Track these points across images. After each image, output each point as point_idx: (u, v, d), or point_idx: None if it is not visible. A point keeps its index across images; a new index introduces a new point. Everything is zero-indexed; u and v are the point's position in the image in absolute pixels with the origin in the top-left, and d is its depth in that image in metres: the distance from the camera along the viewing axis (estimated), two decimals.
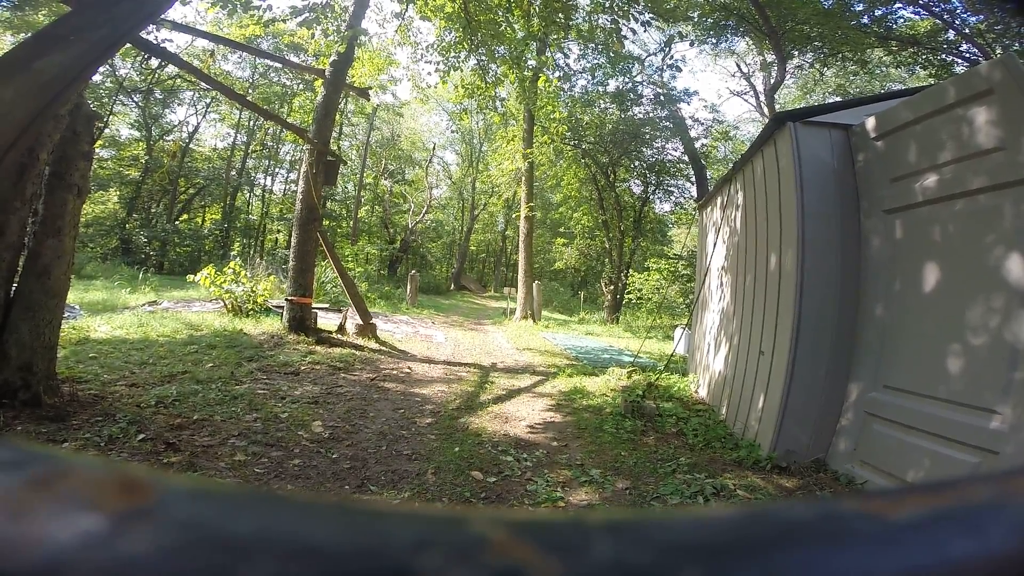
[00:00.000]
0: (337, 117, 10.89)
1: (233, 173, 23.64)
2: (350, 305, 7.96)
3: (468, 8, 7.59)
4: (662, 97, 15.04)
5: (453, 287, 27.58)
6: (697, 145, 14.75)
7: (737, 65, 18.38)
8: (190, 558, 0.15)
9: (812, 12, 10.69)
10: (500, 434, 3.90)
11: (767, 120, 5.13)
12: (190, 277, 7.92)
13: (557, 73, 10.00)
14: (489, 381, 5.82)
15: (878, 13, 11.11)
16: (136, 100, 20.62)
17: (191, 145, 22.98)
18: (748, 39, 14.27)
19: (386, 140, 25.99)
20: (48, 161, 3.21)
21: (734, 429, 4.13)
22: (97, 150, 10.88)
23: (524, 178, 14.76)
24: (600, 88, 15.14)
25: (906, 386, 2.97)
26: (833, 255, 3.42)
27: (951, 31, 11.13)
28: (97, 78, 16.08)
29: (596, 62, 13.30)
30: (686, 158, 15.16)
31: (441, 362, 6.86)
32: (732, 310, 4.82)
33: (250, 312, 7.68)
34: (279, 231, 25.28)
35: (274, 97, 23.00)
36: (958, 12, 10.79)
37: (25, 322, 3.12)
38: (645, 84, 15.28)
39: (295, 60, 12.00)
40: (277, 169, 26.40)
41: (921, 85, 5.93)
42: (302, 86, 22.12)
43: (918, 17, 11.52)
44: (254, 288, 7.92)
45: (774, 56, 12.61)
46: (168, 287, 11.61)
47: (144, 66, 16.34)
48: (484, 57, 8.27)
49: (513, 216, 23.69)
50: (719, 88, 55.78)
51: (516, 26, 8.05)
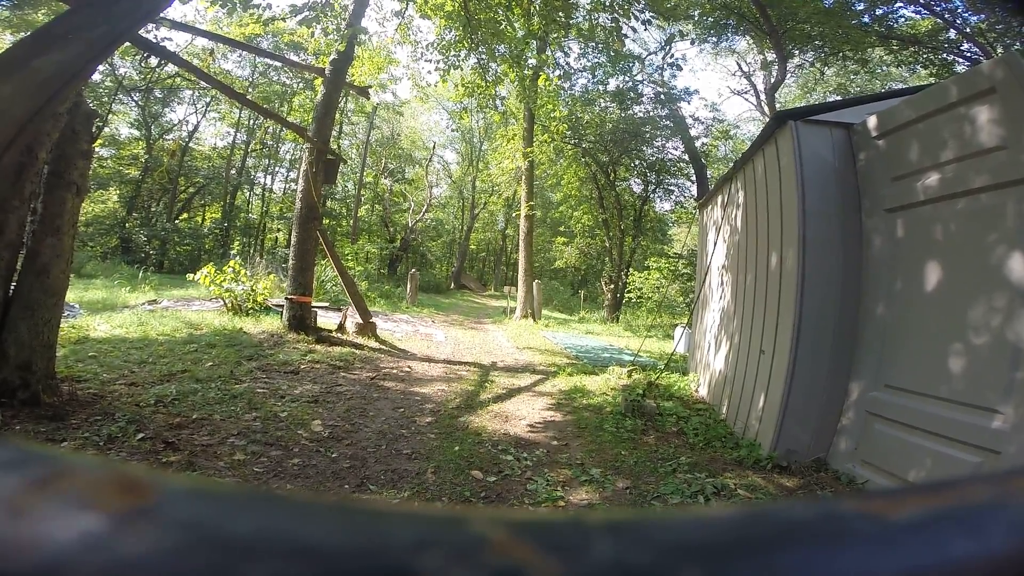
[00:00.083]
0: (337, 116, 10.88)
1: (233, 172, 23.64)
2: (350, 304, 7.96)
3: (468, 6, 7.58)
4: (662, 96, 15.02)
5: (453, 286, 27.58)
6: (697, 144, 14.74)
7: (737, 64, 18.38)
8: (190, 558, 0.15)
9: (813, 11, 10.68)
10: (500, 433, 3.90)
11: (767, 119, 5.13)
12: (190, 276, 7.92)
13: (557, 72, 9.99)
14: (489, 380, 5.82)
15: (879, 12, 11.10)
16: (136, 99, 20.60)
17: (191, 144, 22.97)
18: (749, 38, 14.26)
19: (386, 139, 25.97)
20: (47, 160, 3.21)
21: (735, 428, 4.14)
22: (97, 149, 10.86)
23: (524, 177, 14.74)
24: (600, 87, 15.13)
25: (907, 385, 2.97)
26: (834, 254, 3.42)
27: (952, 30, 11.12)
28: (96, 77, 16.08)
29: (596, 61, 13.28)
30: (686, 157, 15.16)
31: (441, 361, 6.86)
32: (733, 309, 4.82)
33: (250, 311, 7.69)
34: (279, 230, 25.26)
35: (274, 96, 22.97)
36: (959, 11, 10.79)
37: (24, 321, 3.12)
38: (645, 83, 15.28)
39: (295, 59, 11.99)
40: (277, 168, 26.43)
41: (922, 84, 5.92)
42: (302, 85, 22.11)
43: (919, 16, 11.52)
44: (254, 287, 7.92)
45: (775, 55, 12.59)
46: (168, 286, 11.60)
47: (143, 65, 16.32)
48: (484, 56, 8.26)
49: (513, 215, 23.72)
50: (719, 87, 55.86)
51: (516, 25, 8.05)
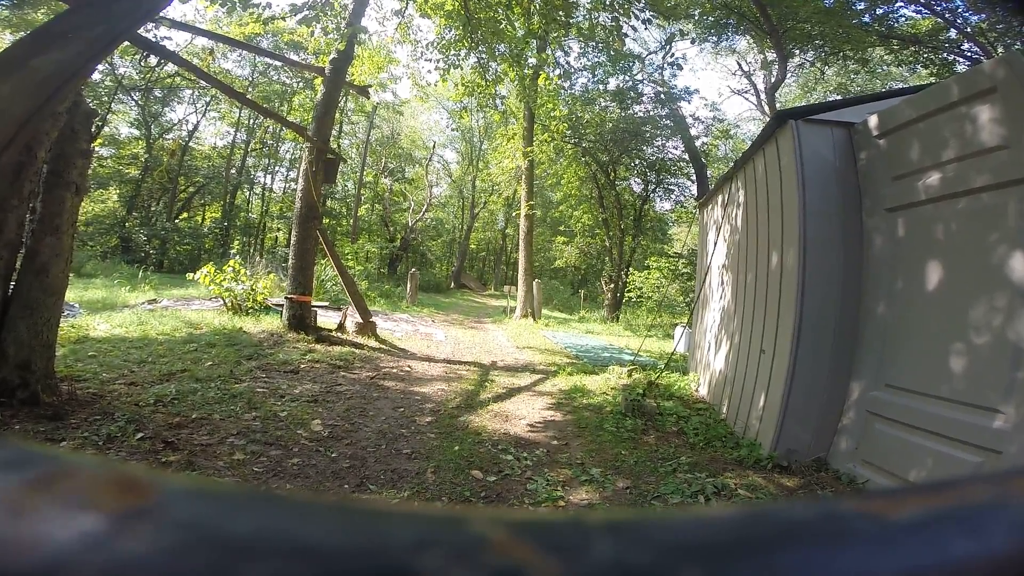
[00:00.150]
0: (337, 115, 10.87)
1: (233, 171, 23.64)
2: (350, 303, 7.96)
3: (468, 6, 7.57)
4: (663, 95, 15.02)
5: (453, 285, 27.59)
6: (697, 143, 14.73)
7: (738, 63, 18.36)
8: (190, 558, 0.15)
9: (813, 10, 10.67)
10: (500, 433, 3.90)
11: (768, 118, 5.12)
12: (190, 275, 7.91)
13: (557, 71, 9.97)
14: (489, 379, 5.82)
15: (879, 12, 11.09)
16: (135, 98, 20.59)
17: (191, 143, 22.97)
18: (749, 37, 14.25)
19: (386, 138, 25.97)
20: (46, 159, 3.21)
21: (735, 428, 4.14)
22: (96, 148, 10.85)
23: (524, 176, 14.74)
24: (601, 86, 15.13)
25: (908, 385, 2.96)
26: (835, 253, 3.42)
27: (953, 30, 11.11)
28: (96, 76, 16.07)
29: (596, 60, 13.28)
30: (686, 156, 15.15)
31: (441, 360, 6.86)
32: (733, 308, 4.82)
33: (250, 310, 7.68)
34: (279, 229, 25.27)
35: (274, 95, 22.97)
36: (960, 11, 10.78)
37: (23, 320, 3.12)
38: (646, 82, 15.27)
39: (295, 58, 11.98)
40: (277, 167, 26.43)
41: (923, 84, 5.92)
42: (302, 84, 22.11)
43: (919, 16, 11.51)
44: (254, 286, 7.92)
45: (775, 54, 12.58)
46: (168, 285, 11.60)
47: (143, 64, 16.33)
48: (484, 55, 8.25)
49: (513, 214, 23.69)
50: (720, 86, 55.81)
51: (516, 24, 8.04)
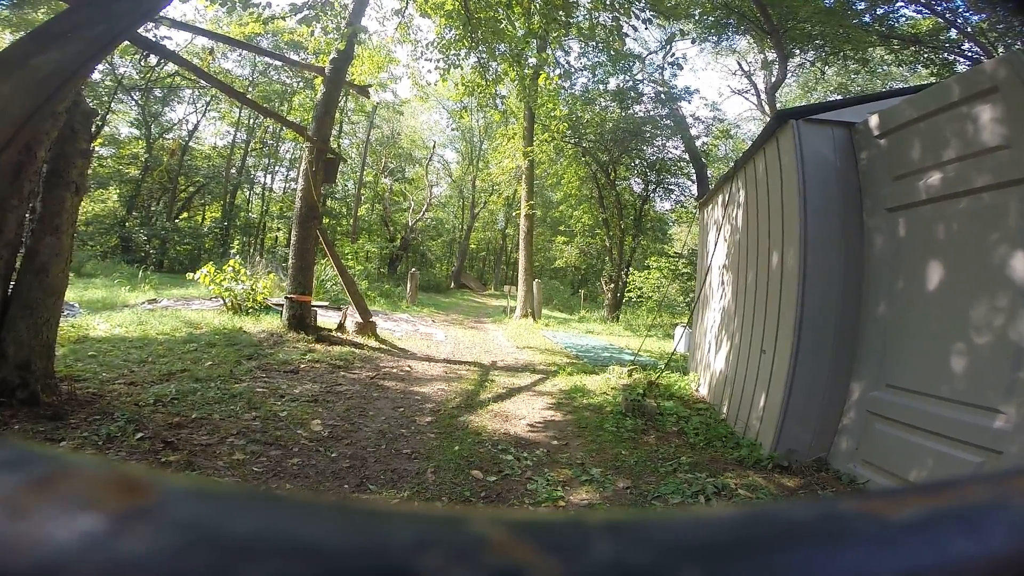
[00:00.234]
0: (337, 115, 10.87)
1: (233, 171, 23.63)
2: (350, 303, 7.96)
3: (468, 5, 7.57)
4: (663, 95, 15.02)
5: (453, 285, 27.58)
6: (698, 143, 14.73)
7: (738, 63, 18.35)
8: (190, 558, 0.15)
9: (813, 10, 10.67)
10: (500, 433, 3.90)
11: (768, 118, 5.12)
12: (190, 275, 7.91)
13: (557, 71, 9.98)
14: (489, 379, 5.82)
15: (880, 12, 11.09)
16: (135, 98, 20.59)
17: (191, 143, 22.96)
18: (749, 37, 14.24)
19: (386, 138, 25.96)
20: (46, 159, 3.21)
21: (735, 428, 4.14)
22: (96, 148, 10.85)
23: (524, 176, 14.74)
24: (601, 86, 15.12)
25: (909, 385, 2.96)
26: (836, 253, 3.42)
27: (953, 30, 11.11)
28: (96, 76, 16.07)
29: (597, 60, 13.27)
30: (687, 156, 15.15)
31: (441, 360, 6.86)
32: (733, 308, 4.82)
33: (250, 310, 7.69)
34: (279, 229, 25.26)
35: (274, 95, 22.96)
36: (960, 11, 10.78)
37: (23, 320, 3.12)
38: (646, 82, 15.27)
39: (295, 58, 11.97)
40: (277, 167, 26.41)
41: (923, 83, 5.91)
42: (302, 84, 22.10)
43: (920, 16, 11.50)
44: (254, 286, 7.92)
45: (775, 54, 12.58)
46: (168, 285, 11.60)
47: (143, 64, 16.33)
48: (484, 55, 8.25)
49: (513, 214, 23.70)
50: (720, 86, 55.82)
51: (516, 23, 8.04)
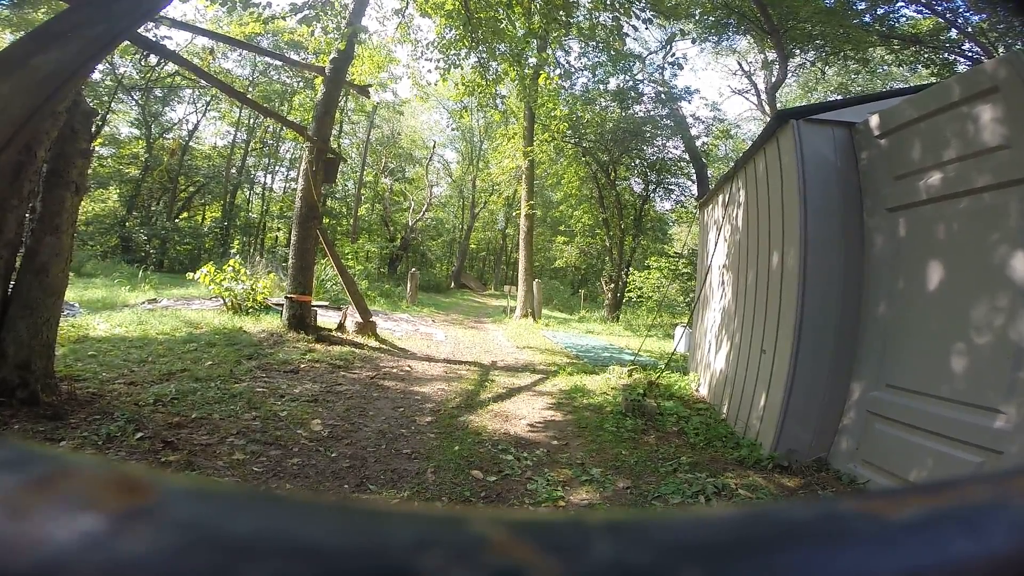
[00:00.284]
0: (337, 115, 10.87)
1: (233, 171, 23.63)
2: (350, 303, 7.96)
3: (468, 5, 7.57)
4: (663, 95, 15.01)
5: (453, 285, 27.58)
6: (698, 143, 14.73)
7: (738, 63, 18.35)
8: (190, 558, 0.15)
9: (814, 10, 10.67)
10: (500, 433, 3.90)
11: (768, 118, 5.12)
12: (190, 275, 7.92)
13: (558, 71, 9.98)
14: (489, 379, 5.82)
15: (880, 12, 11.09)
16: (135, 98, 20.59)
17: (191, 143, 22.96)
18: (749, 37, 14.23)
19: (386, 138, 25.95)
20: (46, 158, 3.21)
21: (735, 428, 4.14)
22: (96, 148, 10.85)
23: (524, 176, 14.74)
24: (601, 86, 15.12)
25: (909, 385, 2.96)
26: (836, 253, 3.42)
27: (953, 30, 11.10)
28: (96, 76, 16.06)
29: (597, 60, 13.27)
30: (687, 156, 15.15)
31: (441, 360, 6.86)
32: (733, 308, 4.82)
33: (250, 310, 7.69)
34: (279, 229, 25.25)
35: (274, 95, 22.97)
36: (960, 11, 10.77)
37: (23, 320, 3.12)
38: (646, 82, 15.26)
39: (295, 58, 11.97)
40: (277, 167, 26.41)
41: (923, 83, 5.91)
42: (302, 84, 22.10)
43: (920, 16, 11.50)
44: (254, 286, 7.92)
45: (775, 54, 12.58)
46: (168, 285, 11.60)
47: (143, 63, 16.33)
48: (484, 54, 8.25)
49: (513, 214, 23.68)
50: (720, 86, 55.85)
51: (517, 23, 8.04)
